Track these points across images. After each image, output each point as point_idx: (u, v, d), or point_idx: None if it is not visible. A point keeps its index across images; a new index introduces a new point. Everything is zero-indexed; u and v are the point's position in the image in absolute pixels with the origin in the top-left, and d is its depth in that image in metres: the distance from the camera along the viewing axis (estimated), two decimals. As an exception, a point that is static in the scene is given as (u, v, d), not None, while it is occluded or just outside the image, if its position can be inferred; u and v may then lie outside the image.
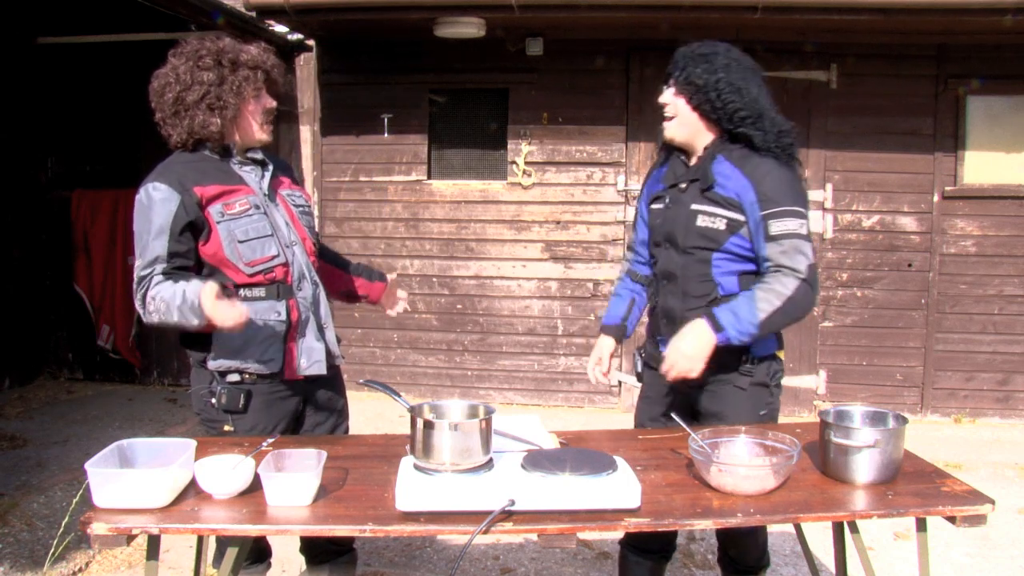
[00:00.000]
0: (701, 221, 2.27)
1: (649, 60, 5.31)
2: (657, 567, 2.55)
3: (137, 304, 2.22)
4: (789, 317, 2.18)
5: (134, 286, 2.22)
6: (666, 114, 2.36)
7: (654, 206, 2.46)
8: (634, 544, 2.54)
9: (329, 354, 2.42)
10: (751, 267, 2.28)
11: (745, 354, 2.30)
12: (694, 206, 2.30)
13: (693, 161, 2.36)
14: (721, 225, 2.25)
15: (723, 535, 2.53)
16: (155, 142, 2.42)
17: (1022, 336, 5.24)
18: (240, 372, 2.28)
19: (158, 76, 2.29)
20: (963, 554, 3.37)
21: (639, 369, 2.56)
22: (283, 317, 2.30)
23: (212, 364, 2.27)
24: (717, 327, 2.16)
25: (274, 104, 2.37)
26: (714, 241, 2.27)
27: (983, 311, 5.27)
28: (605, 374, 2.57)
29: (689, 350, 2.17)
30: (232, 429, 2.30)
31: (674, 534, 2.60)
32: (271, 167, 2.41)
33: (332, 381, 2.50)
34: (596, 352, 2.58)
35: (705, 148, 2.33)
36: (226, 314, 2.07)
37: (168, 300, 2.13)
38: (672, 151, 2.44)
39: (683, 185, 2.34)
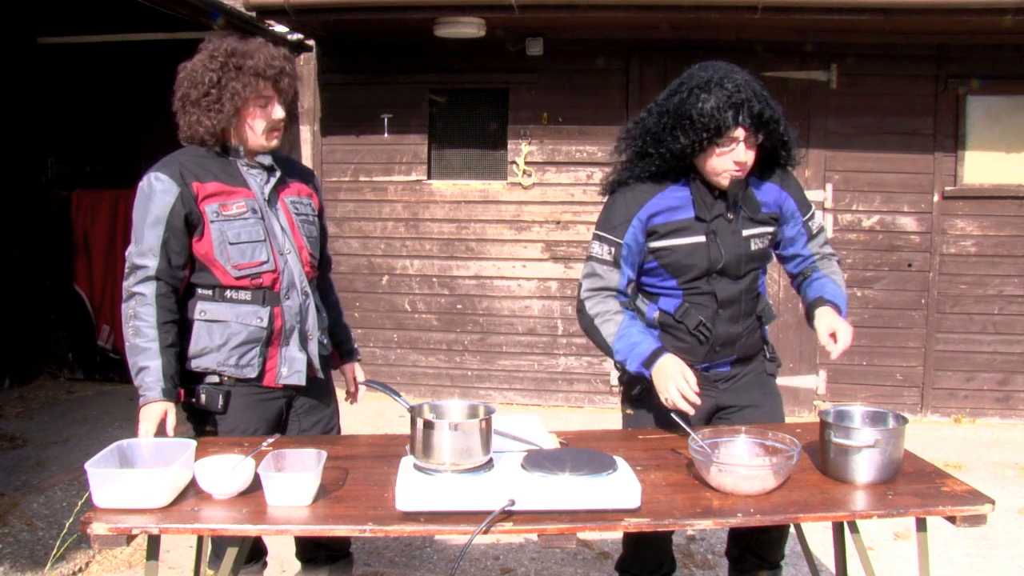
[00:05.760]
0: (754, 245, 2.33)
1: (649, 60, 5.31)
2: None
3: (123, 294, 2.24)
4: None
5: (126, 270, 2.23)
6: (744, 164, 2.18)
7: (685, 240, 2.25)
8: (628, 569, 2.53)
9: (311, 366, 2.39)
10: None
11: (766, 343, 2.43)
12: (745, 232, 2.30)
13: (722, 186, 2.23)
14: (766, 243, 2.37)
15: (744, 530, 2.40)
16: (155, 142, 2.42)
17: (1022, 336, 5.24)
18: (218, 374, 2.28)
19: (183, 68, 2.30)
20: (963, 554, 3.36)
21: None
22: (264, 323, 2.28)
23: (190, 364, 2.28)
24: (839, 311, 2.29)
25: (281, 115, 2.30)
26: (764, 260, 2.39)
27: (983, 311, 5.26)
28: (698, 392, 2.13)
29: (848, 331, 2.22)
30: (212, 430, 2.30)
31: (670, 556, 2.57)
32: (278, 173, 2.37)
33: (320, 389, 2.47)
34: (676, 371, 2.12)
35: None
36: (147, 429, 2.15)
37: (133, 342, 2.18)
38: (677, 179, 2.26)
39: (730, 216, 2.26)
